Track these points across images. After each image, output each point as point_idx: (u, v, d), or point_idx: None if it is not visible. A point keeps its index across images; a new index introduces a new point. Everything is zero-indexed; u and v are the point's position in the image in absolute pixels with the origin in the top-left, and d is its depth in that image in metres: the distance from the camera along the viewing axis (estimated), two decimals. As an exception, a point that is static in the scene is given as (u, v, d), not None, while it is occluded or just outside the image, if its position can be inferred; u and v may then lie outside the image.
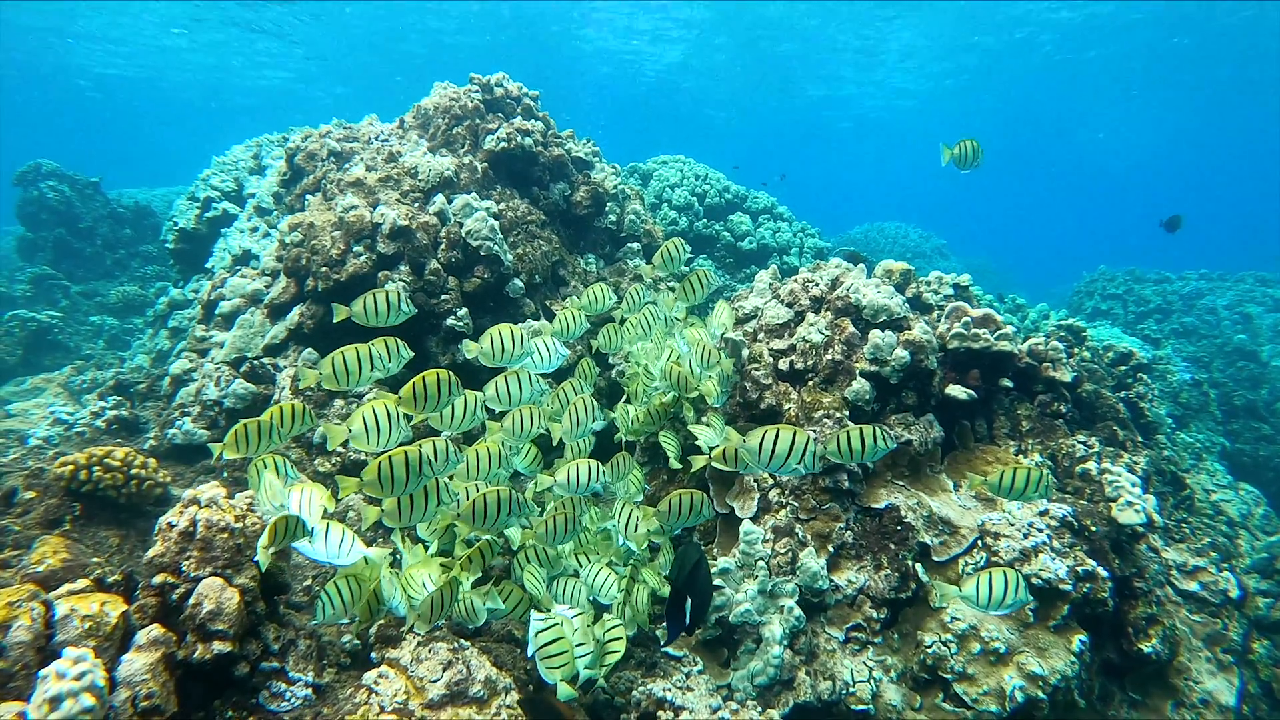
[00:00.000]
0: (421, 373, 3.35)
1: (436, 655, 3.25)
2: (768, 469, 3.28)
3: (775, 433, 3.22)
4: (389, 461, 3.04)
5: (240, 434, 3.30)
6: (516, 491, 3.54)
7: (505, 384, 3.82)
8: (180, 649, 2.84)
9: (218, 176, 9.60)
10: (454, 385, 3.44)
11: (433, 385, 3.35)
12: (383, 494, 3.09)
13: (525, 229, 6.69)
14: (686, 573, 3.40)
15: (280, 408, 3.41)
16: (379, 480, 3.05)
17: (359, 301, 3.61)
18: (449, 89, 7.31)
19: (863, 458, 3.44)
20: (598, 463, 3.80)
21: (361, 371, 3.35)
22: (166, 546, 3.01)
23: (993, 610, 3.34)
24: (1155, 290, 14.46)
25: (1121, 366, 6.83)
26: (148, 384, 6.35)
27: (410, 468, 3.09)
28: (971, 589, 3.37)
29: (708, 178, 11.80)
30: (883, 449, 3.39)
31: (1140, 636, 4.39)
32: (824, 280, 5.38)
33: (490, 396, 3.82)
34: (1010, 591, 3.31)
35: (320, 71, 33.76)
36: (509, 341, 3.80)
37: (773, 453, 3.21)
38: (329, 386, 3.37)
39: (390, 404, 3.29)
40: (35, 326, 8.78)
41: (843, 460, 3.50)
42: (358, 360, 3.34)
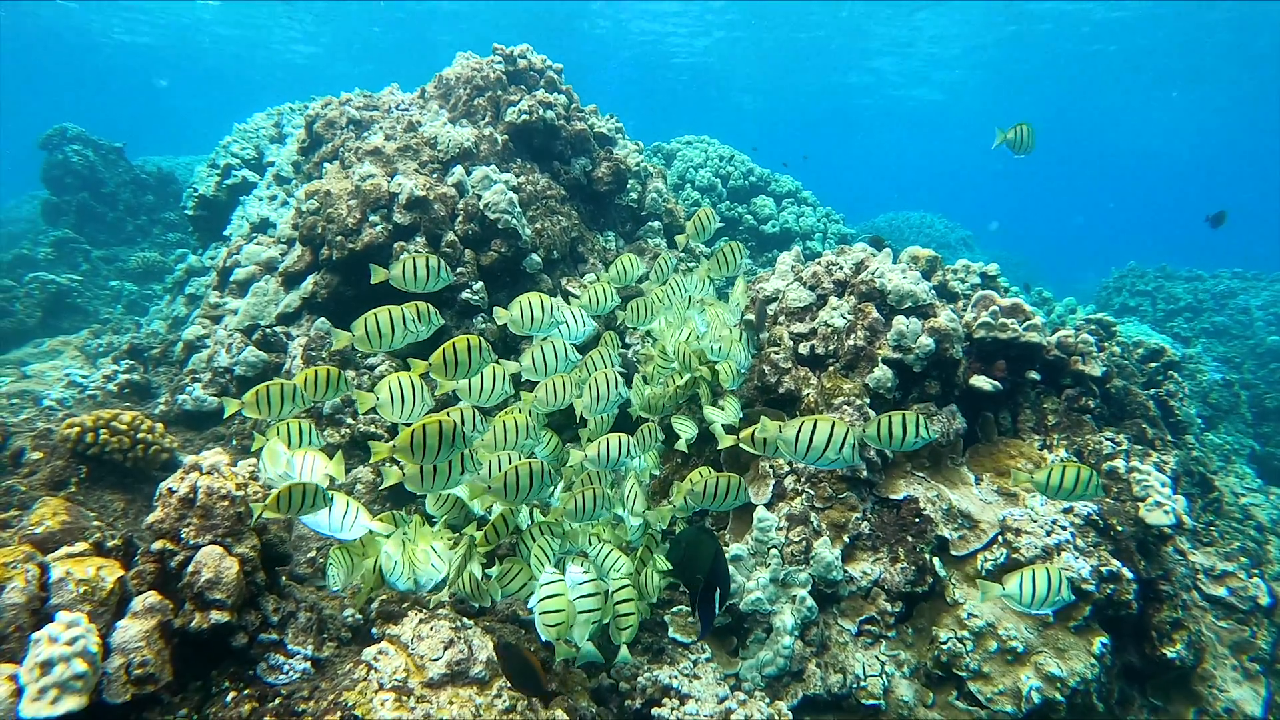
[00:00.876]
0: (452, 339, 3.32)
1: (438, 634, 3.18)
2: (804, 460, 3.14)
3: (813, 423, 3.07)
4: (423, 430, 2.99)
5: (262, 395, 3.26)
6: (548, 464, 3.47)
7: (542, 352, 3.75)
8: (177, 617, 2.78)
9: (239, 144, 9.55)
10: (485, 351, 3.39)
11: (463, 351, 3.31)
12: (413, 461, 3.05)
13: (544, 204, 6.57)
14: (710, 562, 3.32)
15: (315, 371, 3.38)
16: (411, 448, 3.00)
17: (398, 265, 3.55)
18: (471, 59, 7.18)
19: (902, 445, 3.29)
20: (628, 436, 3.71)
21: (394, 334, 3.31)
22: (166, 512, 2.95)
23: (1035, 610, 3.22)
24: (1186, 288, 14.14)
25: (1152, 363, 6.64)
26: (161, 349, 6.32)
27: (444, 438, 3.04)
28: (1014, 586, 3.24)
29: (732, 159, 11.61)
30: (924, 438, 3.23)
31: (1164, 641, 4.25)
32: (848, 264, 5.23)
33: (526, 367, 3.77)
34: (1053, 591, 3.18)
35: (346, 47, 33.68)
36: (539, 310, 3.72)
37: (809, 444, 3.07)
38: (361, 348, 3.34)
39: (416, 374, 3.26)
40: (55, 289, 8.79)
41: (881, 447, 3.35)
42: (390, 323, 3.29)
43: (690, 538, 3.55)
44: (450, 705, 2.95)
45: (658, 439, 4.17)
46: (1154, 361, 6.60)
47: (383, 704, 2.85)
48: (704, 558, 3.37)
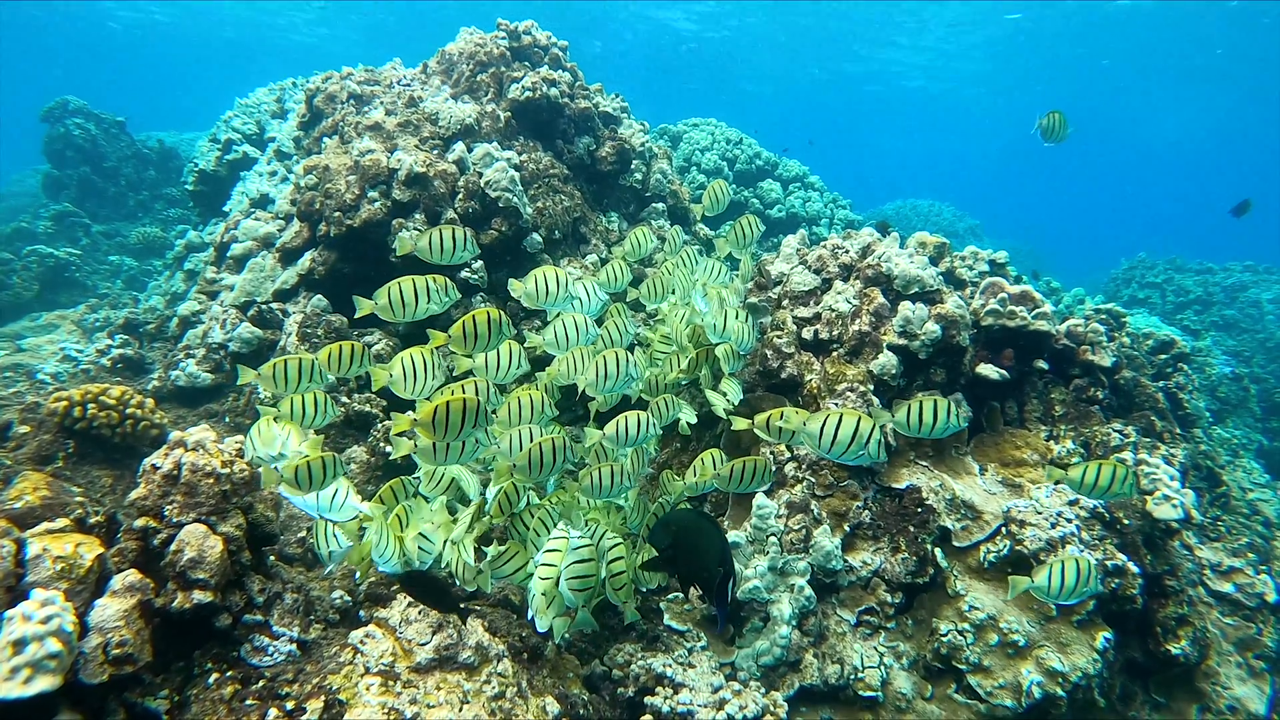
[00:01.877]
0: (471, 311, 3.28)
1: (427, 617, 3.11)
2: (828, 455, 3.05)
3: (838, 417, 2.98)
4: (446, 407, 2.97)
5: (279, 368, 3.23)
6: (569, 438, 3.41)
7: (563, 326, 3.69)
8: (159, 597, 2.71)
9: (240, 119, 9.44)
10: (506, 325, 3.35)
11: (483, 324, 3.26)
12: (435, 438, 3.03)
13: (547, 182, 6.46)
14: (719, 552, 3.26)
15: (339, 346, 3.35)
16: (434, 424, 2.98)
17: (424, 237, 3.53)
18: (475, 34, 7.05)
19: (932, 432, 3.21)
20: (646, 414, 3.63)
21: (418, 304, 3.28)
22: (150, 489, 2.88)
23: (1063, 600, 3.18)
24: (1196, 280, 13.98)
25: (1162, 355, 6.53)
26: (157, 324, 6.25)
27: (467, 415, 3.01)
28: (1044, 579, 3.18)
29: (740, 142, 11.47)
30: (954, 426, 3.16)
31: (1169, 637, 4.17)
32: (854, 248, 5.12)
33: (549, 340, 3.72)
34: (1082, 581, 3.14)
35: (357, 28, 33.40)
36: (553, 284, 3.67)
37: (834, 438, 2.97)
38: (384, 317, 3.31)
39: (428, 351, 3.23)
40: (53, 262, 8.72)
41: (910, 434, 3.27)
42: (414, 292, 3.26)
43: (688, 524, 3.44)
44: (437, 691, 2.89)
45: (677, 409, 4.08)
46: (1164, 353, 6.49)
47: (368, 688, 2.78)
48: (710, 547, 3.29)
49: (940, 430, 3.17)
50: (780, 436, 3.32)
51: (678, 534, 3.29)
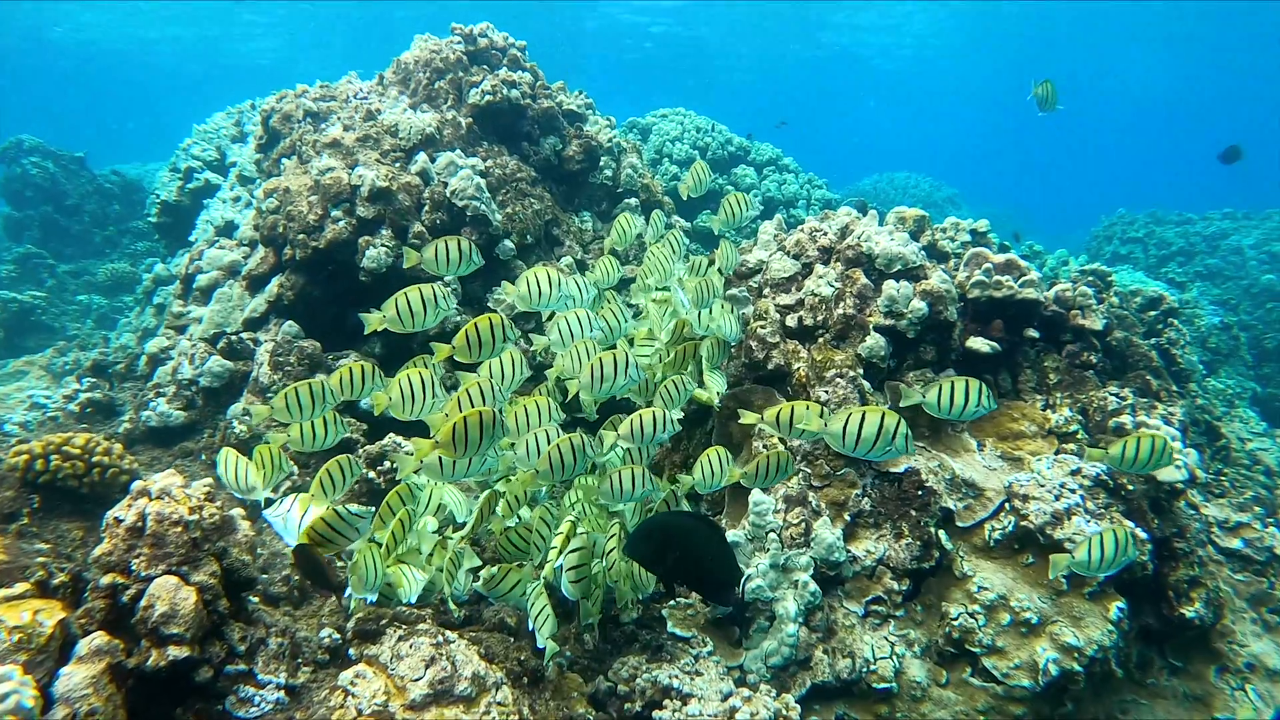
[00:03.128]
0: (474, 319, 3.22)
1: (418, 651, 2.98)
2: (854, 453, 2.94)
3: (861, 415, 2.86)
4: (464, 423, 2.89)
5: (292, 398, 3.16)
6: (587, 436, 3.32)
7: (567, 323, 3.60)
8: (131, 657, 2.57)
9: (199, 145, 9.24)
10: (509, 329, 3.29)
11: (486, 330, 3.19)
12: (457, 455, 2.96)
13: (515, 187, 6.31)
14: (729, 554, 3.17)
15: (350, 368, 3.28)
16: (454, 442, 2.91)
17: (429, 249, 3.48)
18: (430, 41, 6.89)
19: (963, 414, 3.11)
20: (664, 411, 3.52)
21: (427, 313, 3.26)
22: (114, 544, 2.73)
23: (1105, 572, 3.14)
24: (1177, 232, 13.95)
25: (1151, 312, 6.45)
26: (126, 364, 6.08)
27: (485, 429, 2.94)
28: (1084, 554, 3.13)
29: (713, 129, 11.33)
30: (986, 407, 3.06)
31: (1182, 601, 4.09)
32: (832, 229, 5.01)
33: (554, 339, 3.64)
34: (1121, 550, 3.10)
35: (311, 42, 33.01)
36: (546, 284, 3.59)
37: (859, 436, 2.85)
38: (393, 328, 3.27)
39: (425, 371, 3.17)
40: (16, 307, 8.51)
41: (941, 416, 3.18)
42: (421, 301, 3.24)
43: (679, 527, 3.31)
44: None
45: (688, 391, 3.96)
46: (1153, 310, 6.42)
47: (361, 733, 2.66)
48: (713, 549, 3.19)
49: (971, 412, 3.09)
50: (792, 431, 3.22)
51: (667, 540, 3.17)
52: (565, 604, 4.00)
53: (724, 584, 3.25)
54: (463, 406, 3.22)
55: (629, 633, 3.96)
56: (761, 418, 3.29)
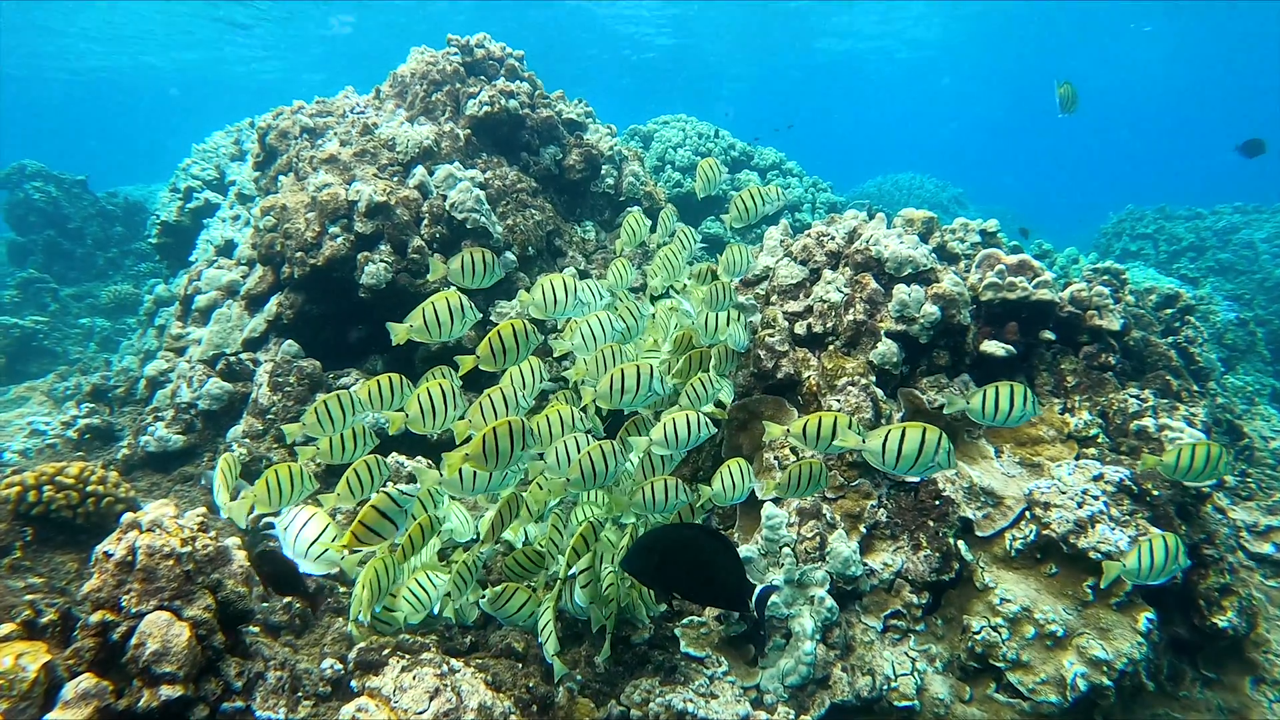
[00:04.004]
0: (497, 326, 3.19)
1: (422, 683, 2.87)
2: (894, 470, 2.87)
3: (901, 431, 2.79)
4: (494, 434, 2.88)
5: (322, 411, 3.22)
6: (618, 443, 3.23)
7: (588, 327, 3.57)
8: (122, 698, 2.47)
9: (198, 165, 9.20)
10: (533, 334, 3.26)
11: (509, 338, 3.17)
12: (488, 469, 2.94)
13: (515, 198, 6.22)
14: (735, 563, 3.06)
15: (379, 381, 3.28)
16: (484, 454, 2.89)
17: (455, 260, 3.46)
18: (426, 53, 6.82)
19: (1008, 420, 3.04)
20: (700, 414, 3.42)
21: (454, 322, 3.23)
22: (103, 579, 2.63)
23: (1154, 580, 3.07)
24: (1188, 227, 13.76)
25: (1167, 310, 6.31)
26: (125, 388, 6.00)
27: (515, 439, 2.91)
28: (1134, 561, 3.05)
29: (716, 135, 11.24)
30: (1031, 412, 3.02)
31: (1214, 609, 3.94)
32: (840, 233, 4.89)
33: (577, 344, 3.61)
34: (1171, 558, 3.04)
35: (308, 59, 33.07)
36: (561, 291, 3.54)
37: (899, 453, 2.79)
38: (419, 339, 3.24)
39: (445, 383, 3.17)
40: (19, 333, 8.46)
41: (986, 423, 3.12)
42: (449, 311, 3.21)
43: (686, 540, 3.18)
44: (439, 765, 2.65)
45: (716, 390, 3.85)
46: (1169, 308, 6.27)
47: (362, 772, 2.55)
48: (718, 559, 3.07)
49: (1017, 418, 3.04)
50: (820, 444, 3.11)
51: (668, 554, 3.05)
52: (576, 625, 3.90)
53: (732, 595, 3.13)
54: (485, 415, 3.18)
55: (641, 654, 3.84)
56: (788, 430, 3.18)
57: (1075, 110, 4.91)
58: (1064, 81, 4.83)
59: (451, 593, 3.43)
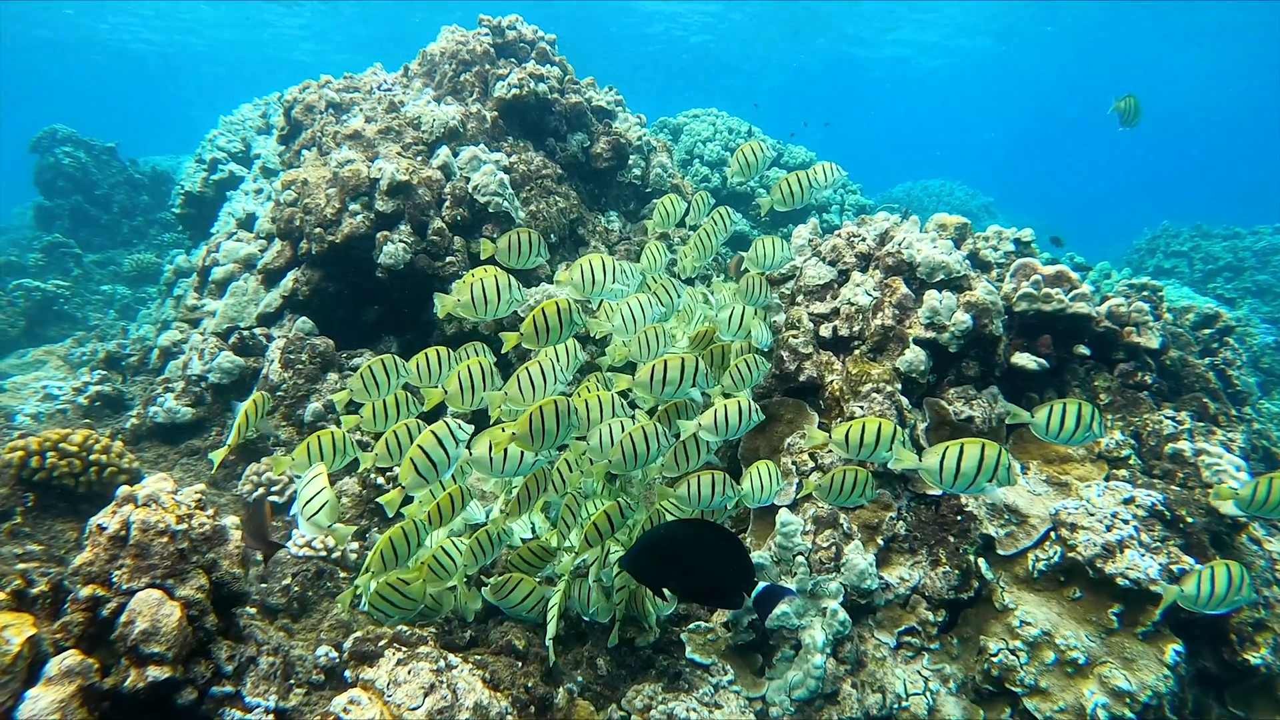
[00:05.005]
0: (541, 304, 3.15)
1: (417, 678, 2.77)
2: (953, 489, 2.78)
3: (959, 448, 2.70)
4: (540, 412, 2.83)
5: (368, 376, 3.26)
6: (661, 424, 3.16)
7: (629, 309, 3.50)
8: (108, 677, 2.39)
9: (224, 137, 9.17)
10: (576, 314, 3.22)
11: (553, 316, 3.11)
12: (532, 448, 2.91)
13: (539, 184, 6.11)
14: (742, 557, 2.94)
15: (427, 354, 3.30)
16: (530, 433, 2.85)
17: (504, 239, 3.49)
18: (457, 32, 6.71)
19: (1072, 439, 2.97)
20: (750, 401, 3.32)
21: (500, 300, 3.23)
22: (95, 553, 2.56)
23: (1213, 610, 2.95)
24: (1225, 246, 13.43)
25: (1205, 330, 6.10)
26: (139, 357, 5.95)
27: (560, 419, 2.88)
28: (1193, 588, 2.92)
29: (746, 133, 11.08)
30: (1096, 433, 2.96)
31: (1246, 645, 3.77)
32: (871, 235, 4.74)
33: (616, 325, 3.55)
34: (1234, 588, 2.89)
35: (350, 41, 33.11)
36: (600, 272, 3.48)
37: (958, 471, 2.69)
38: (465, 315, 3.27)
39: (485, 361, 3.17)
40: (40, 296, 8.46)
41: (1050, 440, 3.05)
42: (496, 288, 3.21)
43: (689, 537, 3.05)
44: (430, 765, 2.56)
45: (762, 370, 3.73)
46: (1207, 327, 6.07)
47: (351, 768, 2.45)
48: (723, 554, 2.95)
49: (1081, 437, 2.98)
50: (860, 453, 2.98)
51: (671, 553, 2.92)
52: (580, 624, 3.79)
53: (736, 590, 3.01)
54: (523, 390, 3.10)
55: (645, 657, 3.73)
56: (830, 437, 3.05)
57: (1135, 124, 4.73)
58: (1124, 95, 4.65)
59: (468, 563, 3.32)
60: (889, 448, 2.95)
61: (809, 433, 3.16)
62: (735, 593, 2.97)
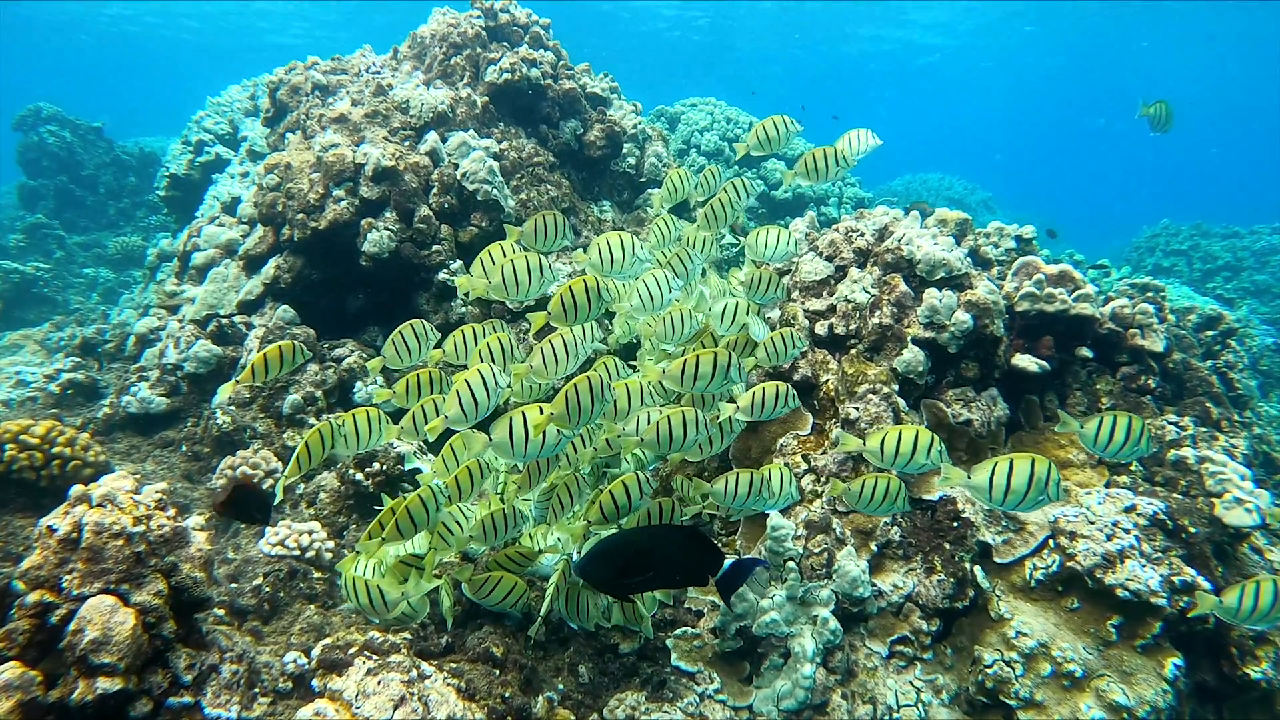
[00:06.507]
0: (569, 282, 3.02)
1: (387, 689, 2.64)
2: (1000, 506, 2.65)
3: (1009, 463, 2.58)
4: (575, 390, 2.76)
5: (399, 341, 3.25)
6: (700, 410, 3.06)
7: (647, 287, 3.33)
8: (54, 689, 2.25)
9: (211, 118, 8.97)
10: (606, 293, 3.12)
11: (581, 295, 2.99)
12: (569, 426, 2.82)
13: (531, 172, 5.95)
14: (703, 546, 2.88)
15: (463, 331, 3.26)
16: (567, 411, 2.77)
17: (529, 222, 3.41)
18: (448, 14, 6.53)
19: (1120, 453, 2.86)
20: (788, 386, 3.21)
21: (531, 283, 3.14)
22: (45, 556, 2.42)
23: (1255, 625, 2.87)
24: (1224, 246, 13.33)
25: (1208, 332, 5.99)
26: (116, 343, 5.79)
27: (595, 394, 2.80)
28: (1235, 601, 2.78)
29: (748, 126, 10.90)
30: (1144, 450, 2.86)
31: (1247, 659, 3.66)
32: (870, 229, 4.60)
33: (635, 305, 3.39)
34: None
35: (345, 21, 32.70)
36: (619, 250, 3.32)
37: (1008, 488, 2.57)
38: (497, 297, 3.17)
39: (505, 337, 3.16)
40: (18, 278, 8.27)
41: (1099, 454, 2.95)
42: (527, 270, 3.11)
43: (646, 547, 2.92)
44: (398, 783, 2.43)
45: (799, 345, 3.61)
46: (1210, 329, 5.95)
47: (313, 787, 2.33)
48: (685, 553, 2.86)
49: (1130, 452, 2.86)
50: (896, 463, 2.84)
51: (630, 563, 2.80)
52: (561, 629, 3.67)
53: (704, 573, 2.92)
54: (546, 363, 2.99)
55: (629, 664, 3.61)
56: (864, 444, 2.91)
57: (1168, 130, 4.59)
58: (1154, 100, 4.50)
59: (478, 536, 3.19)
60: (926, 457, 2.80)
61: (843, 439, 3.00)
62: (701, 577, 2.90)
